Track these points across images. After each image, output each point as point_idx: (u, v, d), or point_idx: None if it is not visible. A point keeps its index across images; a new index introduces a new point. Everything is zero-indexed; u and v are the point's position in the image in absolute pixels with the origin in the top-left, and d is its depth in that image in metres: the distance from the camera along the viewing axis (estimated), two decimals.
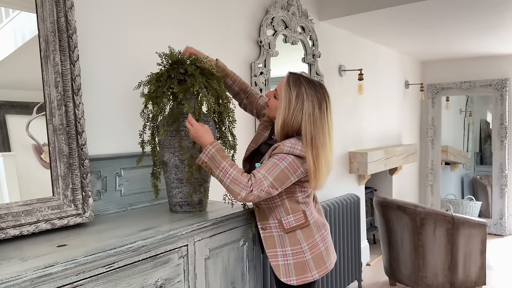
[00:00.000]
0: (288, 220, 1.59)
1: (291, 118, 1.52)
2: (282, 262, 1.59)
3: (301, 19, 3.01)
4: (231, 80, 1.89)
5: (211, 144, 1.48)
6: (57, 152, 1.45)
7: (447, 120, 5.78)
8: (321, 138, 1.52)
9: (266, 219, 1.62)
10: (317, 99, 1.53)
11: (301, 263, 1.59)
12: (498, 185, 5.22)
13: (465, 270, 3.20)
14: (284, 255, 1.59)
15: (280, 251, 1.60)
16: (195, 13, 2.22)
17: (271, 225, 1.61)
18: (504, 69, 5.15)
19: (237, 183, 1.44)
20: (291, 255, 1.59)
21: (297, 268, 1.58)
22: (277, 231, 1.60)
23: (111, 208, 1.74)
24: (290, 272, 1.58)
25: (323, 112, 1.53)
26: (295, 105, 1.51)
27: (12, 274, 0.98)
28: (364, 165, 3.69)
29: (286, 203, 1.59)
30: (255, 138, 1.76)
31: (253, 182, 1.45)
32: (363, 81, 3.65)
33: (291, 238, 1.59)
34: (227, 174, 1.44)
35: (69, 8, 1.49)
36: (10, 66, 1.45)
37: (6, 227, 1.28)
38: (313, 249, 1.61)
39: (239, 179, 1.44)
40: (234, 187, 1.44)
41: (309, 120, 1.51)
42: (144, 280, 1.30)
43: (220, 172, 1.45)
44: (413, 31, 3.79)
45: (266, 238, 1.61)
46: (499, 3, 2.94)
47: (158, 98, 1.56)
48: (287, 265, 1.59)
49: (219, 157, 1.47)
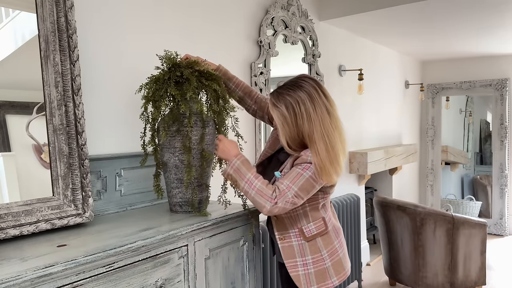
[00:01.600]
0: (309, 228, 1.58)
1: (293, 130, 1.48)
2: (302, 272, 1.58)
3: (301, 19, 3.01)
4: (234, 85, 1.80)
5: (236, 156, 1.50)
6: (57, 152, 1.45)
7: (447, 120, 5.78)
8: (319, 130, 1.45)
9: (286, 228, 1.60)
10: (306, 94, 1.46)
11: (322, 271, 1.58)
12: (498, 185, 5.22)
13: (465, 270, 3.20)
14: (304, 264, 1.58)
15: (300, 261, 1.58)
16: (195, 13, 2.22)
17: (290, 234, 1.59)
18: (504, 69, 5.15)
19: (262, 194, 1.44)
20: (312, 264, 1.57)
21: (318, 276, 1.57)
22: (296, 240, 1.58)
23: (111, 208, 1.74)
24: (311, 281, 1.57)
25: (316, 102, 1.46)
26: (290, 117, 1.46)
27: (12, 274, 0.98)
28: (364, 165, 3.69)
29: (308, 211, 1.57)
30: (272, 144, 1.72)
31: (277, 194, 1.44)
32: (363, 81, 3.65)
33: (311, 247, 1.58)
34: (252, 186, 1.45)
35: (69, 8, 1.49)
36: (10, 66, 1.45)
37: (6, 227, 1.28)
38: (332, 256, 1.60)
39: (264, 190, 1.44)
40: (259, 199, 1.44)
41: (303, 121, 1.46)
42: (144, 280, 1.30)
43: (245, 184, 1.47)
44: (413, 31, 3.79)
45: (285, 248, 1.59)
46: (499, 3, 2.94)
47: (157, 102, 1.57)
48: (307, 275, 1.57)
49: (244, 169, 1.48)
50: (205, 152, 1.60)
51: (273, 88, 2.78)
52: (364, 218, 4.09)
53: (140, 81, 1.75)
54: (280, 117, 1.48)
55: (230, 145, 1.52)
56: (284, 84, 1.53)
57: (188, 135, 1.57)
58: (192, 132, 1.58)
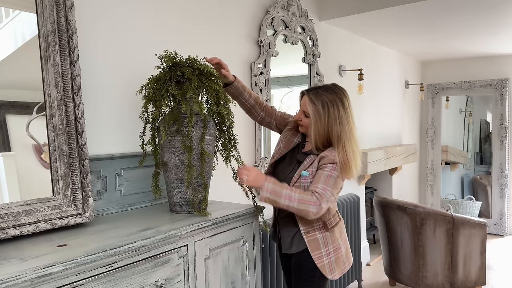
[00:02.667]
0: (330, 220, 1.74)
1: (324, 127, 1.65)
2: (327, 261, 1.72)
3: (301, 19, 3.01)
4: (248, 94, 1.85)
5: (265, 180, 1.59)
6: (57, 152, 1.46)
7: (447, 120, 5.78)
8: (347, 133, 1.66)
9: (311, 223, 1.71)
10: (340, 100, 1.68)
11: (339, 258, 1.76)
12: (498, 185, 5.23)
13: (465, 270, 3.20)
14: (327, 253, 1.73)
15: (324, 251, 1.72)
16: (195, 14, 2.22)
17: (315, 228, 1.72)
18: (504, 69, 5.15)
19: (305, 202, 1.56)
20: (333, 252, 1.74)
21: (337, 262, 1.75)
22: (320, 233, 1.72)
23: (111, 208, 1.74)
24: (333, 268, 1.74)
25: (346, 109, 1.69)
26: (324, 118, 1.64)
27: (12, 274, 0.98)
28: (364, 165, 3.69)
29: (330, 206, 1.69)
30: (286, 144, 1.82)
31: (318, 196, 1.58)
32: (363, 81, 3.65)
33: (332, 237, 1.74)
34: (293, 199, 1.56)
35: (69, 8, 1.49)
36: (10, 66, 1.45)
37: (6, 227, 1.28)
38: (345, 244, 1.80)
39: (305, 198, 1.57)
40: (304, 207, 1.56)
41: (335, 122, 1.65)
42: (144, 280, 1.30)
43: (285, 200, 1.56)
44: (413, 31, 3.79)
45: (311, 242, 1.72)
46: (499, 3, 2.94)
47: (157, 102, 1.57)
48: (330, 263, 1.73)
49: (278, 188, 1.58)
50: (205, 152, 1.60)
51: (273, 88, 2.79)
52: (364, 218, 4.09)
53: (140, 81, 1.75)
54: (315, 114, 1.65)
55: (255, 172, 1.60)
56: (320, 87, 1.73)
57: (189, 135, 1.57)
58: (192, 132, 1.58)
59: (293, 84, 3.18)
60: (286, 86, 3.09)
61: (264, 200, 1.59)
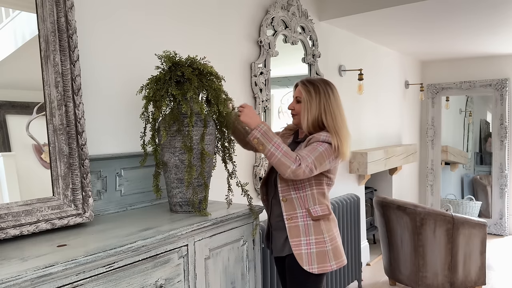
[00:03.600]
0: (315, 209, 1.75)
1: (316, 108, 1.74)
2: (305, 250, 1.72)
3: (301, 19, 3.01)
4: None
5: (262, 123, 1.65)
6: (57, 152, 1.46)
7: (447, 120, 5.78)
8: (339, 116, 1.76)
9: (294, 209, 1.75)
10: (330, 88, 1.78)
11: (323, 253, 1.73)
12: (498, 185, 5.22)
13: (465, 270, 3.20)
14: (308, 243, 1.73)
15: (304, 240, 1.73)
16: (196, 14, 2.22)
17: (297, 215, 1.75)
18: (504, 69, 5.15)
19: (288, 156, 1.60)
20: (314, 244, 1.73)
21: (319, 257, 1.72)
22: (303, 220, 1.74)
23: (111, 208, 1.74)
24: (312, 260, 1.72)
25: (336, 96, 1.79)
26: (315, 97, 1.75)
27: (12, 274, 0.98)
28: (364, 165, 3.69)
29: (315, 194, 1.76)
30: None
31: (300, 158, 1.62)
32: (363, 81, 3.65)
33: (316, 228, 1.74)
34: (280, 148, 1.61)
35: (69, 8, 1.49)
36: (10, 66, 1.45)
37: (6, 227, 1.28)
38: (332, 241, 1.77)
39: (290, 153, 1.61)
40: (285, 160, 1.60)
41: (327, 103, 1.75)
42: (144, 280, 1.30)
43: (273, 146, 1.61)
44: (413, 31, 3.79)
45: (291, 228, 1.74)
46: (499, 3, 2.94)
47: (158, 102, 1.57)
48: (310, 254, 1.72)
49: (271, 134, 1.64)
50: (205, 152, 1.60)
51: (273, 88, 2.79)
52: (364, 218, 4.09)
53: (140, 81, 1.76)
54: (307, 94, 1.76)
55: (254, 112, 1.67)
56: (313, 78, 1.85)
57: (189, 135, 1.57)
58: (192, 131, 1.58)
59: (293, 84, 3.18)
60: (286, 86, 3.09)
61: (252, 140, 1.62)
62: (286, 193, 1.76)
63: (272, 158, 1.61)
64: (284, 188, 1.77)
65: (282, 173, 1.62)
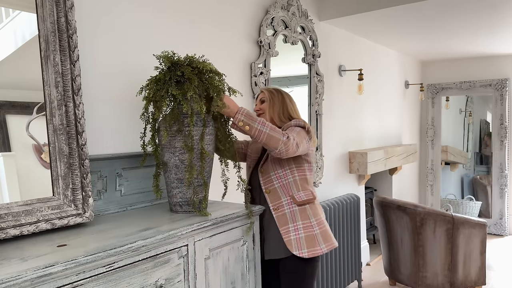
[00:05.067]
0: (299, 195, 1.80)
1: (278, 103, 1.91)
2: (294, 236, 1.76)
3: (301, 19, 3.01)
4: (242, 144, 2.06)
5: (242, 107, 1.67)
6: (57, 152, 1.46)
7: (447, 120, 5.78)
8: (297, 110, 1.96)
9: (279, 198, 1.80)
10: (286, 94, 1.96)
11: (311, 237, 1.77)
12: (498, 185, 5.22)
13: (465, 270, 3.20)
14: (296, 229, 1.77)
15: (292, 226, 1.77)
16: (196, 14, 2.22)
17: (283, 203, 1.80)
18: (504, 69, 5.15)
19: (276, 130, 1.65)
20: (302, 229, 1.77)
21: (308, 241, 1.76)
22: (289, 208, 1.79)
23: (111, 208, 1.74)
24: (302, 245, 1.75)
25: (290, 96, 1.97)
26: (276, 95, 1.92)
27: (12, 274, 0.98)
28: (364, 165, 3.69)
29: (297, 180, 1.80)
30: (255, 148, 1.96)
31: (285, 133, 1.68)
32: (363, 81, 3.65)
33: (302, 213, 1.79)
34: (265, 124, 1.65)
35: (69, 8, 1.49)
36: (10, 66, 1.45)
37: (6, 227, 1.28)
38: (320, 225, 1.81)
39: (276, 128, 1.66)
40: (274, 133, 1.64)
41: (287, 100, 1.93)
42: (144, 280, 1.30)
43: (259, 124, 1.64)
44: (413, 31, 3.79)
45: (279, 217, 1.79)
46: (499, 3, 2.94)
47: (158, 102, 1.57)
48: (298, 239, 1.76)
49: (253, 115, 1.67)
50: (205, 151, 1.60)
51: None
52: (364, 218, 4.09)
53: (140, 81, 1.76)
54: (270, 94, 1.92)
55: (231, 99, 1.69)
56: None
57: (190, 135, 1.57)
58: (193, 131, 1.58)
59: (293, 84, 3.19)
60: (286, 86, 3.09)
61: (238, 123, 1.63)
62: (269, 184, 1.81)
63: (261, 135, 1.63)
64: (266, 180, 1.82)
65: (274, 147, 1.64)
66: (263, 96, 1.93)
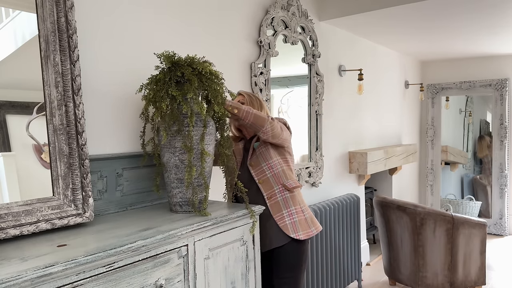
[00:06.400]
0: (289, 182, 1.95)
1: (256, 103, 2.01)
2: (289, 221, 1.91)
3: (301, 19, 3.01)
4: None
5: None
6: (57, 152, 1.46)
7: (447, 120, 5.78)
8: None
9: (271, 187, 1.93)
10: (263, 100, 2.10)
11: (303, 220, 1.95)
12: (498, 185, 5.23)
13: (465, 270, 3.20)
14: (290, 214, 1.92)
15: (286, 212, 1.92)
16: (195, 14, 2.22)
17: (275, 191, 1.93)
18: (504, 69, 5.15)
19: (260, 113, 1.80)
20: (296, 213, 1.94)
21: (302, 224, 1.94)
22: (281, 195, 1.93)
23: (111, 208, 1.74)
24: (297, 228, 1.91)
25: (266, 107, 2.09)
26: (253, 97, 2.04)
27: (12, 274, 0.98)
28: (364, 165, 3.69)
29: (285, 170, 1.96)
30: (237, 150, 2.04)
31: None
32: (363, 81, 3.65)
33: (293, 199, 1.95)
34: (251, 109, 1.79)
35: (69, 8, 1.49)
36: (10, 66, 1.45)
37: (6, 227, 1.28)
38: (306, 210, 2.00)
39: (261, 112, 1.82)
40: (260, 114, 1.79)
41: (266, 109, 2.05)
42: (144, 280, 1.30)
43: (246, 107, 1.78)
44: (413, 31, 3.79)
45: (273, 206, 1.92)
46: (499, 3, 2.94)
47: (157, 103, 1.57)
48: (293, 223, 1.91)
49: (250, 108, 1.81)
50: (205, 152, 1.60)
51: (273, 88, 2.79)
52: (364, 218, 4.09)
53: (140, 80, 1.76)
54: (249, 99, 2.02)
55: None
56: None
57: (190, 135, 1.57)
58: (193, 131, 1.58)
59: (293, 84, 3.19)
60: (286, 86, 3.09)
61: (227, 107, 1.73)
62: (262, 175, 1.94)
63: (248, 116, 1.77)
64: (259, 171, 1.94)
65: (261, 125, 1.78)
66: (243, 99, 2.01)
